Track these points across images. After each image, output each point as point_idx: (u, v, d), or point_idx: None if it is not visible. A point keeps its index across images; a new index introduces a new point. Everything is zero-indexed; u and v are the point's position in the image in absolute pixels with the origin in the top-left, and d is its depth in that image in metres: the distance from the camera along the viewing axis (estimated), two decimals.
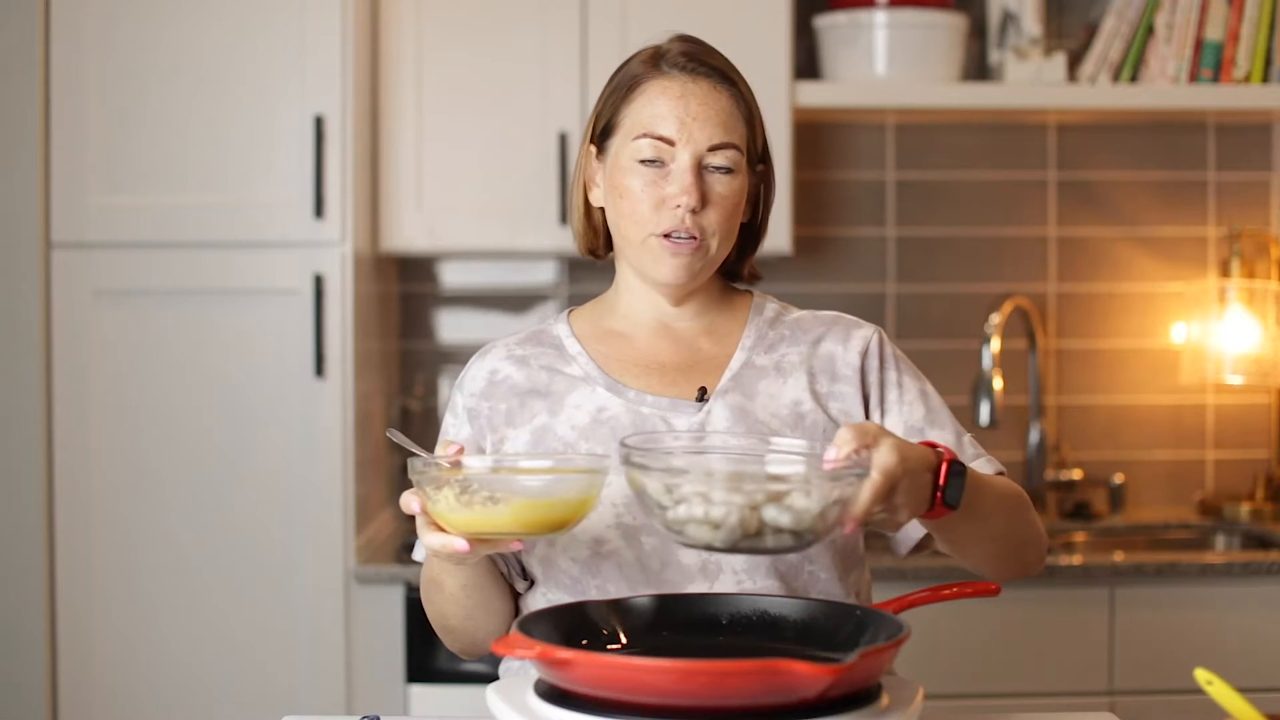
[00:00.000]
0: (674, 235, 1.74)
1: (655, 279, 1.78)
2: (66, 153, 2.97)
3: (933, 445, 1.54)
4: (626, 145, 1.75)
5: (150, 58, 2.98)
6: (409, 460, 1.55)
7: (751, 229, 1.85)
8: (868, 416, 1.81)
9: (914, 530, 1.79)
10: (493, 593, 1.75)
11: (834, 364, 1.81)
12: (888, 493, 1.44)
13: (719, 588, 1.71)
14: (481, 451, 1.79)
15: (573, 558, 1.73)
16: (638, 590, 1.70)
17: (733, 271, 1.87)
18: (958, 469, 1.53)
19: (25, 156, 2.96)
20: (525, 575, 1.81)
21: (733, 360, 1.81)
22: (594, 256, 1.88)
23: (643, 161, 1.74)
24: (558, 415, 1.77)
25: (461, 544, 1.53)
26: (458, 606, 1.75)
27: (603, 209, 1.83)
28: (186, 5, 2.98)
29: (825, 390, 1.80)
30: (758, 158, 1.81)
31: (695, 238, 1.74)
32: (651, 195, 1.74)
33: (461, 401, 1.83)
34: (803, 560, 1.73)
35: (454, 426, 1.83)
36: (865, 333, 1.84)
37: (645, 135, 1.74)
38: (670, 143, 1.73)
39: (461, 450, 1.59)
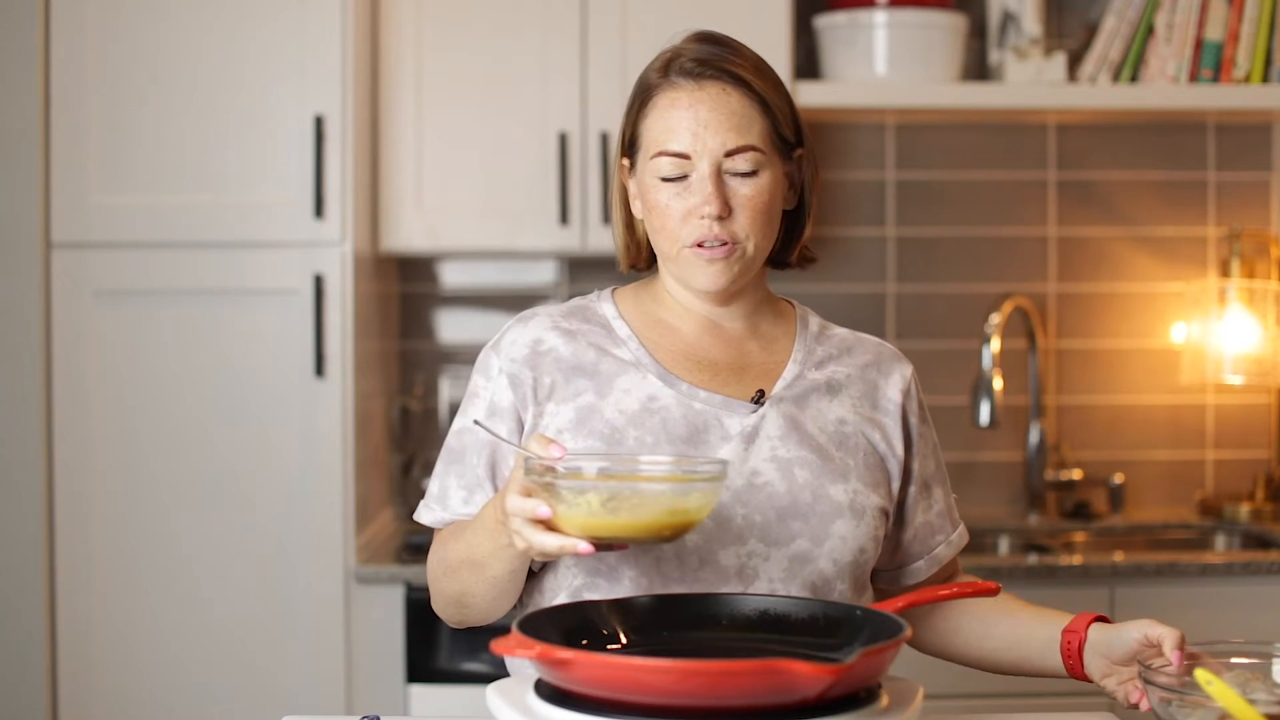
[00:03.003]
0: (705, 244, 1.72)
1: (695, 288, 1.76)
2: (66, 153, 2.97)
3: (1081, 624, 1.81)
4: (648, 163, 1.74)
5: (150, 58, 2.98)
6: (528, 462, 1.51)
7: (797, 215, 1.82)
8: (907, 454, 1.84)
9: (925, 569, 1.89)
10: (524, 576, 1.71)
11: (877, 394, 1.83)
12: None
13: (752, 591, 1.70)
14: (520, 422, 1.76)
15: None
16: (670, 585, 1.70)
17: (779, 260, 1.85)
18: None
19: (25, 156, 2.96)
20: None
21: (786, 370, 1.80)
22: (636, 270, 1.85)
23: (664, 179, 1.72)
24: (605, 398, 1.74)
25: (586, 547, 1.49)
26: (493, 588, 1.69)
27: (643, 220, 1.80)
28: (186, 5, 2.98)
29: (868, 415, 1.81)
30: (792, 144, 1.78)
31: (726, 243, 1.72)
32: (678, 208, 1.72)
33: (498, 364, 1.78)
34: (836, 578, 1.74)
35: (487, 389, 1.78)
36: (905, 371, 1.87)
37: (661, 153, 1.72)
38: (685, 156, 1.71)
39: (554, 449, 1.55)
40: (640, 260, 1.85)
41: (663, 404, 1.74)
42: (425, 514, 1.81)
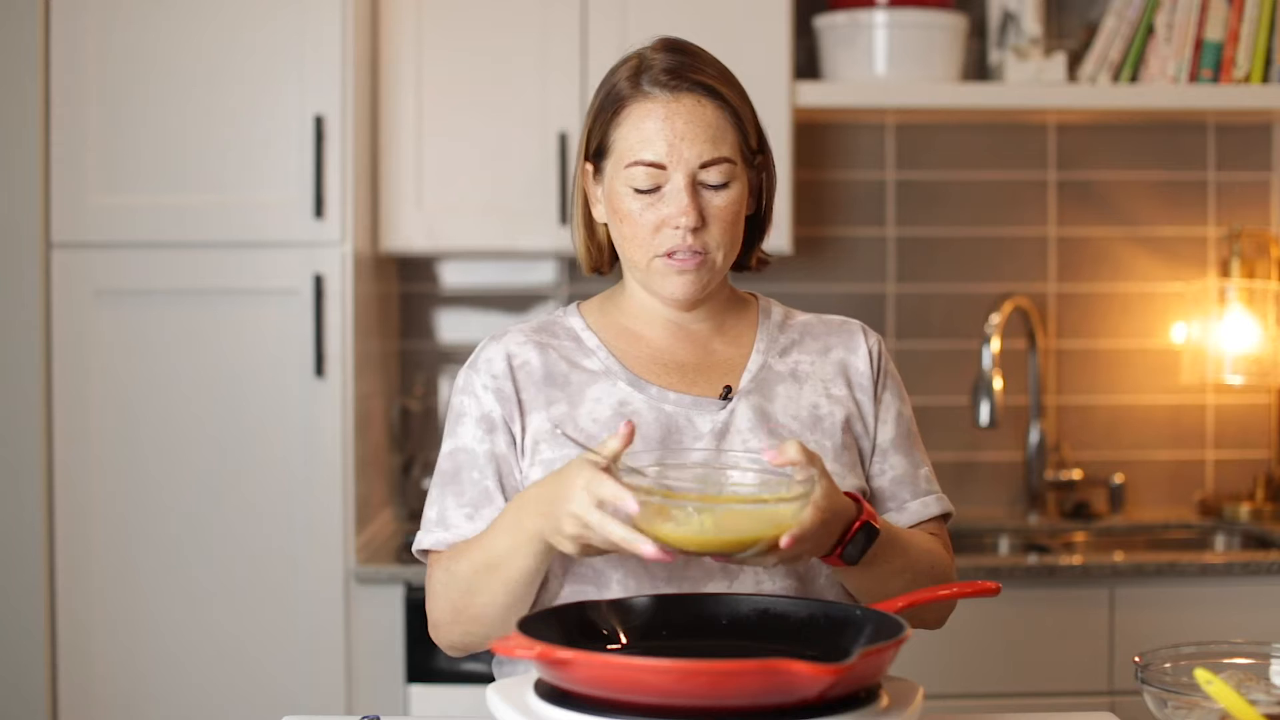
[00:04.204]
0: (676, 254, 1.74)
1: (663, 296, 1.79)
2: (66, 153, 2.97)
3: (856, 498, 1.62)
4: (620, 172, 1.75)
5: (150, 58, 2.98)
6: (631, 475, 1.51)
7: (755, 220, 1.85)
8: (875, 424, 1.84)
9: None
10: (536, 588, 1.70)
11: (846, 370, 1.85)
12: (817, 528, 1.53)
13: (737, 588, 1.71)
14: (510, 433, 1.77)
15: None
16: (659, 586, 1.70)
17: (740, 263, 1.87)
18: (869, 532, 1.62)
19: (25, 156, 2.96)
20: None
21: (750, 362, 1.82)
22: (599, 273, 1.88)
23: (637, 190, 1.73)
24: (578, 407, 1.77)
25: (650, 549, 1.48)
26: (508, 595, 1.67)
27: (605, 224, 1.83)
28: (186, 5, 2.98)
29: (841, 394, 1.83)
30: (755, 152, 1.80)
31: (699, 253, 1.74)
32: (650, 219, 1.74)
33: (480, 381, 1.80)
34: (820, 565, 1.75)
35: (475, 405, 1.79)
36: (870, 342, 1.88)
37: (636, 163, 1.73)
38: (661, 167, 1.72)
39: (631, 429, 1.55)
40: (603, 264, 1.87)
41: (634, 408, 1.76)
42: (426, 538, 1.79)
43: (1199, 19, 3.31)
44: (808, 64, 3.46)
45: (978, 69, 3.51)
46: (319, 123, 2.96)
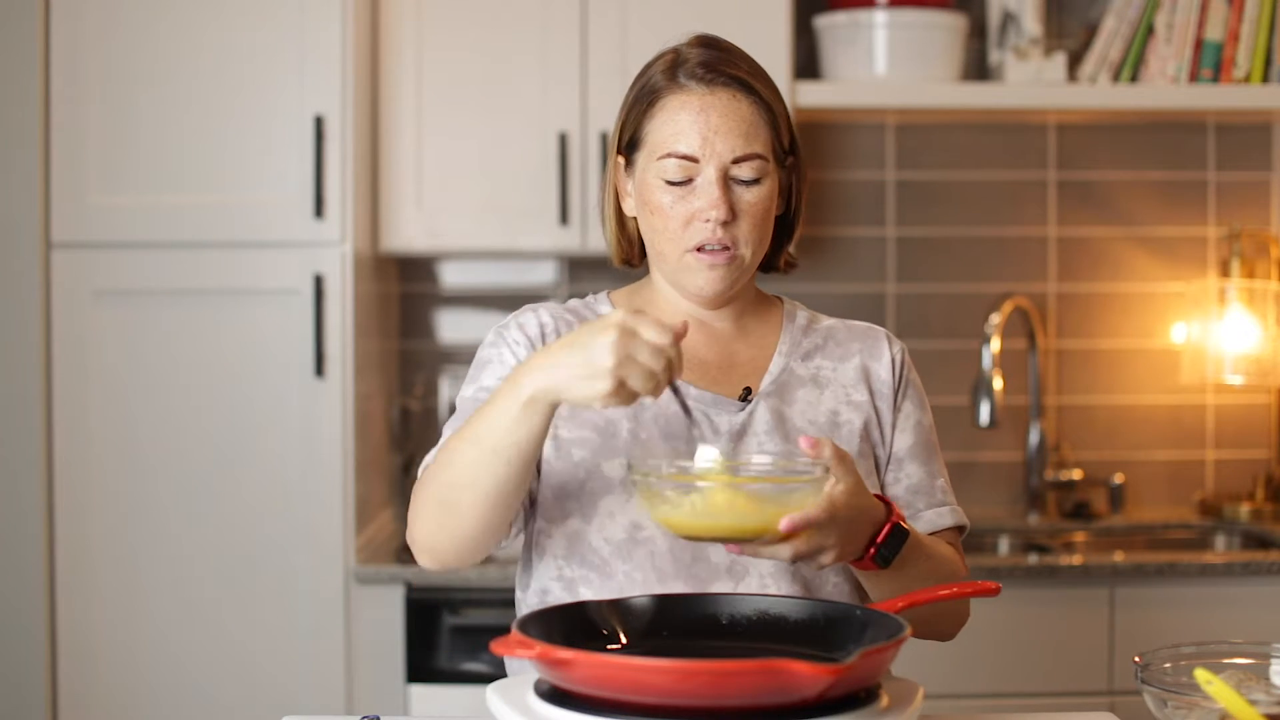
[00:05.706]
0: (706, 248, 1.74)
1: (692, 292, 1.78)
2: (66, 153, 2.97)
3: (886, 500, 1.62)
4: (652, 164, 1.75)
5: (150, 58, 2.98)
6: (649, 466, 1.52)
7: (785, 220, 1.85)
8: (893, 432, 1.84)
9: None
10: (519, 493, 1.62)
11: (868, 378, 1.85)
12: (823, 519, 1.51)
13: (742, 589, 1.71)
14: None
15: (606, 539, 1.73)
16: (665, 580, 1.71)
17: (768, 264, 1.87)
18: (899, 533, 1.61)
19: (25, 156, 2.96)
20: (524, 521, 1.76)
21: (772, 365, 1.82)
22: (629, 266, 1.88)
23: (669, 182, 1.73)
24: None
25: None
26: (491, 477, 1.58)
27: (635, 218, 1.83)
28: (186, 5, 2.98)
29: (862, 400, 1.83)
30: (786, 153, 1.80)
31: (728, 248, 1.74)
32: (681, 212, 1.74)
33: (513, 335, 1.80)
34: (829, 570, 1.75)
35: (505, 356, 1.79)
36: (894, 350, 1.87)
37: (669, 155, 1.73)
38: (694, 160, 1.72)
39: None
40: (633, 256, 1.87)
41: (652, 399, 1.75)
42: (431, 455, 1.73)
43: (1199, 19, 3.31)
44: (808, 64, 3.46)
45: (978, 69, 3.51)
46: (319, 123, 2.96)
